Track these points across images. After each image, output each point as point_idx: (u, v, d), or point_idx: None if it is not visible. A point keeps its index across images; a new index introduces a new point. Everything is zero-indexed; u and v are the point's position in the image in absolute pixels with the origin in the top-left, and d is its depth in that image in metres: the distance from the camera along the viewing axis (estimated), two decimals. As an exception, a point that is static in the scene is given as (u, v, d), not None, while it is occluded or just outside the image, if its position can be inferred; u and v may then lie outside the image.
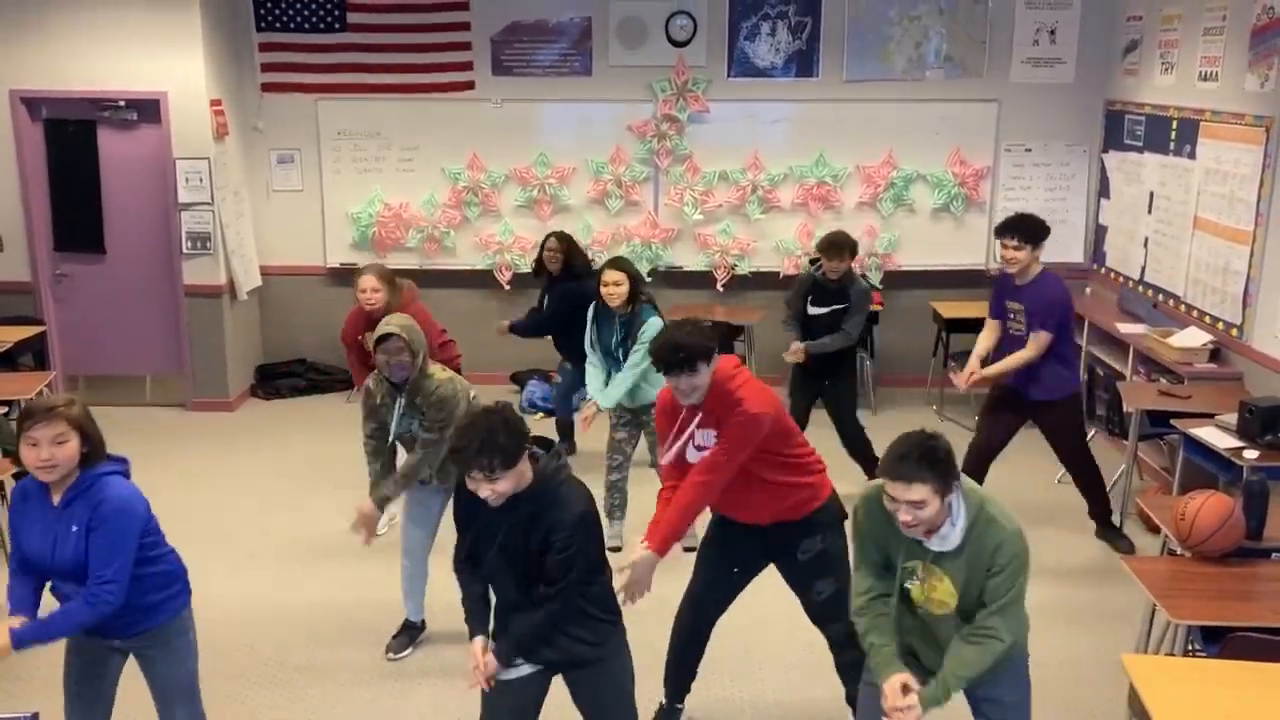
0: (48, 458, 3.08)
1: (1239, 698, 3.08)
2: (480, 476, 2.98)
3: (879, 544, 3.11)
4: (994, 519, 2.98)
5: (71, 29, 7.43)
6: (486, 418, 3.01)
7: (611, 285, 5.46)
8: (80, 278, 7.94)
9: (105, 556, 3.13)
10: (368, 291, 5.55)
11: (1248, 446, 4.99)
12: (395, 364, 4.32)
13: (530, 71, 8.14)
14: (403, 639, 4.80)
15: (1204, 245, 6.60)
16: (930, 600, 3.06)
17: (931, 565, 3.01)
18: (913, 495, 2.85)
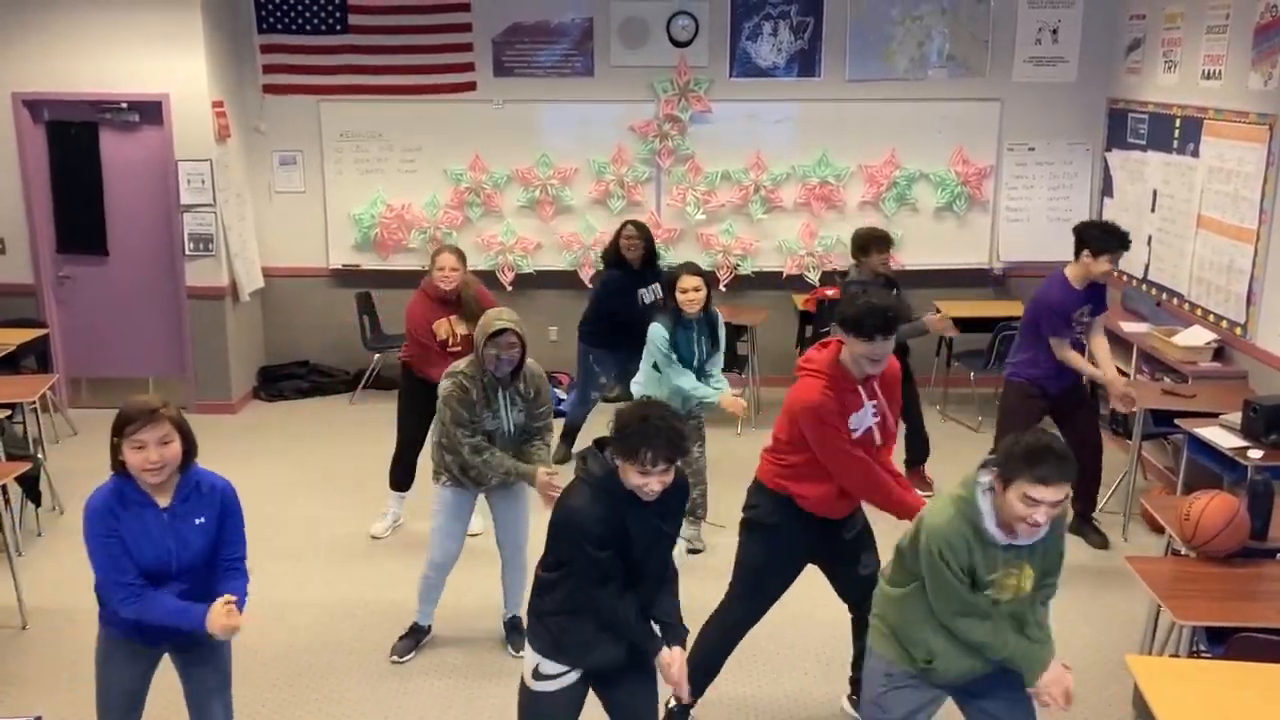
0: (157, 460, 3.07)
1: (1244, 699, 3.08)
2: (663, 469, 3.02)
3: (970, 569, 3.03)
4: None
5: (73, 31, 7.44)
6: (655, 409, 3.08)
7: (692, 291, 5.31)
8: (83, 280, 7.94)
9: (236, 540, 3.28)
10: (446, 270, 5.53)
11: (1252, 446, 4.98)
12: (507, 358, 4.27)
13: (532, 72, 8.13)
14: (409, 642, 4.79)
15: (1208, 244, 6.59)
16: (1010, 590, 3.04)
17: (1017, 564, 3.01)
18: (1061, 495, 2.87)
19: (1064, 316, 5.55)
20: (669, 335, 5.33)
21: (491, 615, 4.93)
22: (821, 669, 4.65)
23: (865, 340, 3.57)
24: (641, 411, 3.06)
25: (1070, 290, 5.56)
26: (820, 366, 3.74)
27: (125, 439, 3.06)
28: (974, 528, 2.97)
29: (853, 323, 3.56)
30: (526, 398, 4.43)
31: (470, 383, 4.34)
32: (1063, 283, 5.57)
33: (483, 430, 4.38)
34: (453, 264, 5.55)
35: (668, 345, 5.33)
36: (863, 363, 3.65)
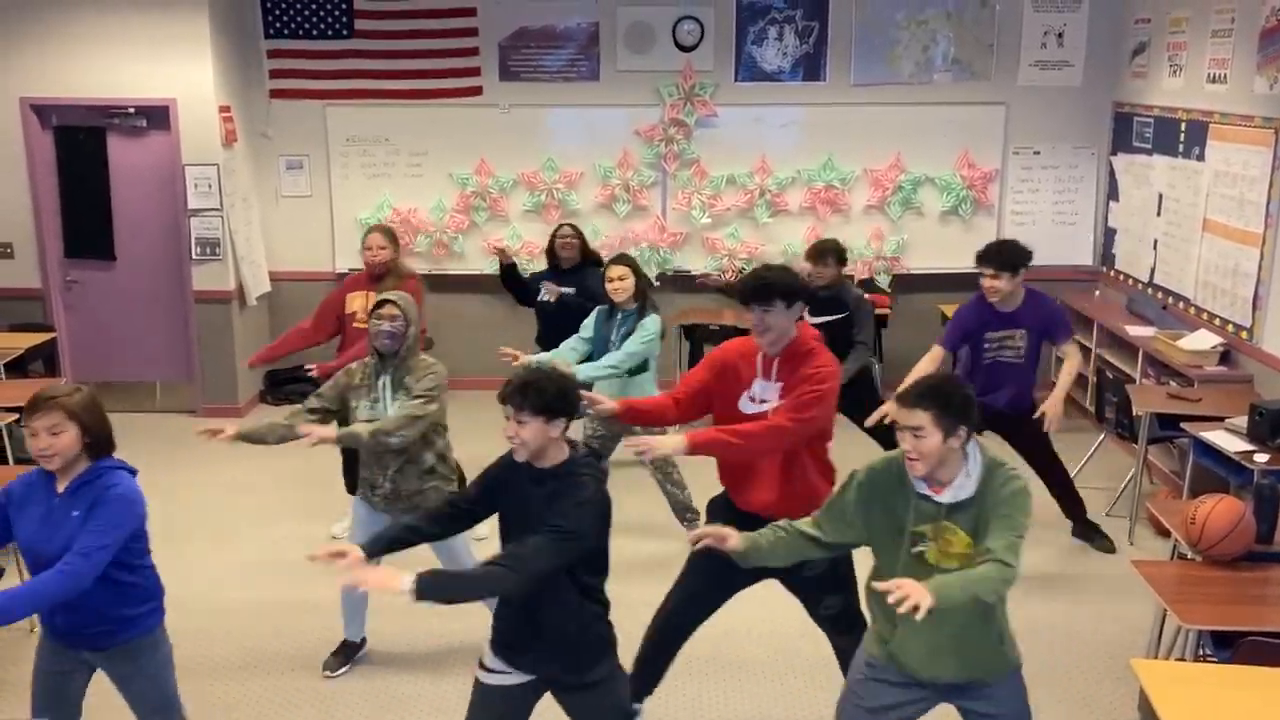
0: (44, 447, 3.12)
1: (1250, 703, 3.07)
2: (511, 413, 3.06)
3: (882, 508, 3.08)
4: (1003, 463, 3.07)
5: (81, 36, 7.47)
6: (547, 371, 3.16)
7: (616, 280, 5.43)
8: (90, 284, 7.97)
9: (95, 533, 3.09)
10: (374, 248, 5.63)
11: (1258, 450, 4.98)
12: (386, 330, 4.20)
13: (538, 77, 8.15)
14: (340, 657, 4.70)
15: (1213, 247, 6.58)
16: (948, 556, 3.02)
17: (944, 523, 3.01)
18: (914, 420, 2.94)
19: (961, 328, 5.49)
20: (596, 318, 5.54)
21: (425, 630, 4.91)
22: (791, 677, 4.65)
23: (744, 308, 3.69)
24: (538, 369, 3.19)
25: (982, 306, 5.46)
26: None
27: (25, 426, 3.15)
28: (897, 470, 3.07)
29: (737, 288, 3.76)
30: (408, 388, 4.25)
31: (359, 367, 4.36)
32: (977, 299, 5.51)
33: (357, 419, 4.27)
34: (380, 242, 5.65)
35: (589, 327, 5.55)
36: (754, 334, 3.71)
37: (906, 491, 3.05)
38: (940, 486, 3.01)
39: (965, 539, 3.00)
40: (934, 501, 3.02)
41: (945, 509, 3.01)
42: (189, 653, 4.84)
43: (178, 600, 5.27)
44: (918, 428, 2.94)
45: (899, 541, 3.07)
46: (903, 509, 3.06)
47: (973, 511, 3.00)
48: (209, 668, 4.75)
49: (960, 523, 3.00)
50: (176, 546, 5.89)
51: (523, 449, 3.10)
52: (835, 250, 6.13)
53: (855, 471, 3.18)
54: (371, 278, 5.67)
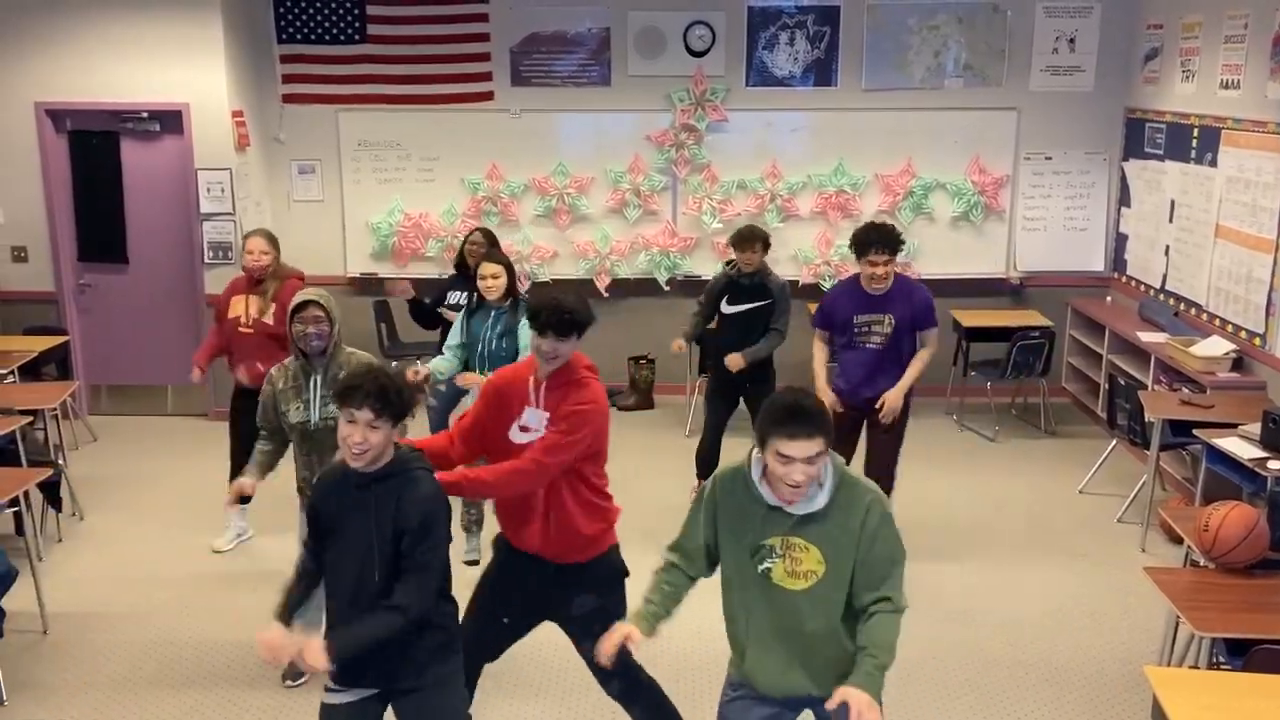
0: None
1: (1264, 711, 3.06)
2: (364, 418, 2.93)
3: (731, 524, 2.96)
4: (856, 479, 2.93)
5: (95, 42, 7.51)
6: (384, 370, 3.10)
7: (490, 278, 5.35)
8: (103, 288, 8.01)
9: None
10: (255, 253, 5.62)
11: (1271, 457, 4.96)
12: (314, 332, 4.17)
13: (549, 82, 8.17)
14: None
15: (1226, 254, 6.57)
16: (796, 574, 2.90)
17: (793, 537, 2.89)
18: (814, 449, 2.75)
19: (823, 311, 5.51)
20: (463, 313, 5.47)
21: None
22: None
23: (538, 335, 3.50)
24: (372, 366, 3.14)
25: (855, 291, 5.40)
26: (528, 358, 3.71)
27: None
28: (744, 479, 2.95)
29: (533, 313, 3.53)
30: None
31: (279, 373, 4.28)
32: (851, 282, 5.49)
33: (291, 423, 4.23)
34: (262, 247, 5.64)
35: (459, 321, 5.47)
36: (538, 357, 3.55)
37: (755, 502, 2.92)
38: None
39: (816, 555, 2.88)
40: (784, 513, 2.89)
41: (795, 520, 2.88)
42: (193, 657, 4.86)
43: (185, 604, 5.31)
44: (818, 454, 2.77)
45: (745, 557, 2.95)
46: (751, 521, 2.93)
47: (826, 527, 2.87)
48: (220, 675, 4.76)
49: (809, 536, 2.88)
50: (190, 550, 5.92)
51: (368, 454, 2.99)
52: (763, 237, 6.15)
53: (704, 486, 3.08)
54: (251, 281, 5.66)
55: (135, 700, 4.47)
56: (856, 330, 5.40)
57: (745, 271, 6.11)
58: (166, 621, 5.13)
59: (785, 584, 2.92)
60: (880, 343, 5.37)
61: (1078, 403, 8.25)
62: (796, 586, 2.91)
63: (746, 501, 2.95)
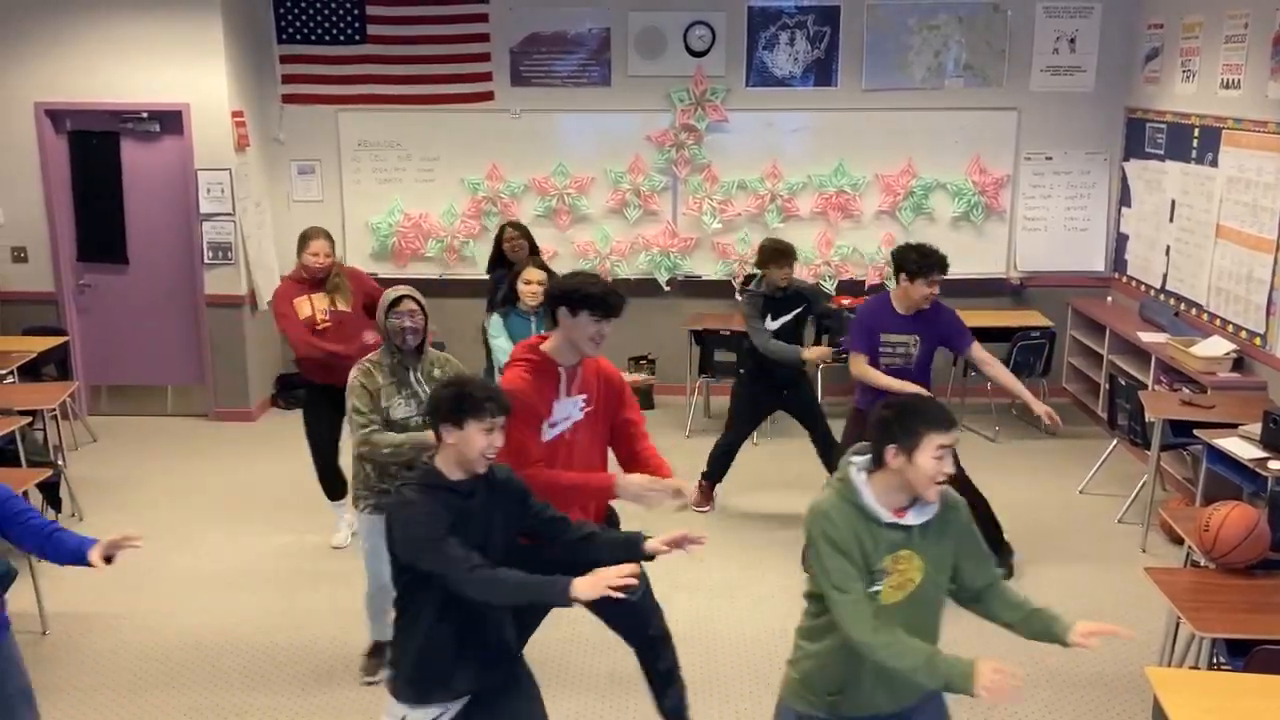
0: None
1: (1264, 712, 3.05)
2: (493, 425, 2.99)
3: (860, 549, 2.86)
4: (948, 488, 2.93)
5: (95, 42, 7.50)
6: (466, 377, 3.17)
7: (536, 284, 5.32)
8: (103, 288, 8.00)
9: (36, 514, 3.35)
10: (321, 255, 5.54)
11: (1272, 457, 4.96)
12: (410, 326, 4.17)
13: (549, 82, 8.16)
14: (376, 660, 4.62)
15: (1226, 254, 6.56)
16: (899, 588, 2.86)
17: (901, 552, 2.85)
18: (956, 436, 2.82)
19: (867, 330, 5.33)
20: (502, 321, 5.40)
21: None
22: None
23: (600, 320, 3.50)
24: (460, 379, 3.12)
25: (887, 309, 5.34)
26: (520, 354, 3.63)
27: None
28: (855, 506, 2.85)
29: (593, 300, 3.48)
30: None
31: (375, 367, 4.24)
32: (883, 300, 5.42)
33: (394, 419, 4.19)
34: (326, 249, 5.58)
35: (498, 328, 5.40)
36: (586, 345, 3.54)
37: (869, 524, 2.84)
38: (900, 510, 2.86)
39: (917, 563, 2.86)
40: (901, 527, 2.84)
41: (915, 532, 2.86)
42: (193, 657, 4.86)
43: (185, 605, 5.31)
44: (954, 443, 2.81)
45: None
46: (870, 544, 2.83)
47: (931, 532, 2.87)
48: (220, 676, 4.76)
49: (916, 545, 2.85)
50: (190, 550, 5.91)
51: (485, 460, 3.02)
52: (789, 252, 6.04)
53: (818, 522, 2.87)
54: (306, 283, 5.58)
55: (135, 700, 4.47)
56: (882, 349, 5.33)
57: (781, 285, 6.01)
58: (166, 622, 5.13)
59: (890, 600, 2.86)
60: (903, 363, 5.31)
61: (1078, 403, 8.24)
62: (897, 599, 2.87)
63: (860, 529, 2.84)
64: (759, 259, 6.11)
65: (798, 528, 3.46)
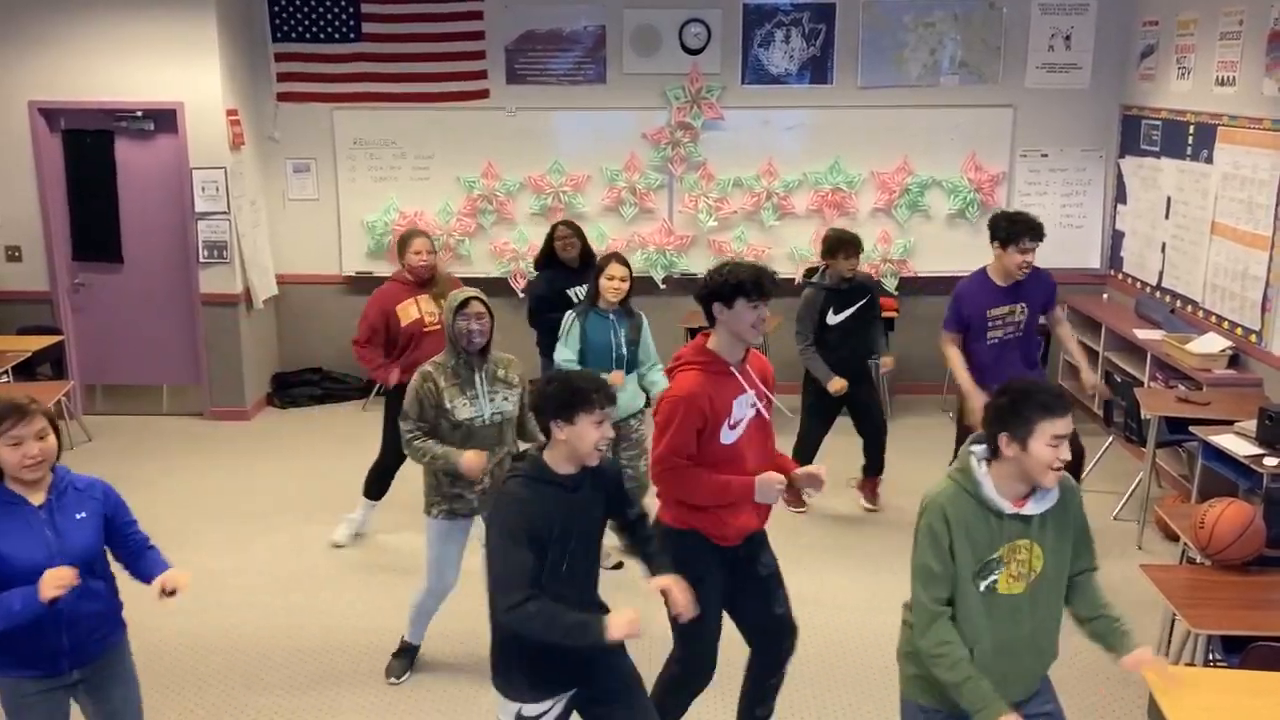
0: (36, 454, 3.04)
1: (1260, 708, 3.06)
2: (602, 418, 3.04)
3: (963, 545, 2.84)
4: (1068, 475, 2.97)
5: (89, 40, 7.49)
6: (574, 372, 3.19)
7: (618, 280, 5.32)
8: (98, 287, 7.99)
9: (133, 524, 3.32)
10: (423, 254, 5.60)
11: (1268, 453, 4.96)
12: (477, 329, 4.19)
13: (544, 80, 8.15)
14: (404, 661, 4.69)
15: (1222, 250, 6.56)
16: (1018, 578, 2.87)
17: (1020, 542, 2.85)
18: (1070, 426, 2.79)
19: (963, 309, 5.37)
20: (575, 318, 5.33)
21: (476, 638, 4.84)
22: (816, 693, 4.64)
23: (755, 305, 3.47)
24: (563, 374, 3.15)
25: (985, 284, 5.36)
26: (692, 357, 3.58)
27: (2, 437, 3.01)
28: (974, 498, 2.85)
29: (745, 286, 3.46)
30: (510, 383, 4.33)
31: (437, 370, 4.26)
32: (979, 276, 5.43)
33: (458, 420, 4.22)
34: (428, 247, 5.65)
35: (569, 326, 5.31)
36: (747, 333, 3.52)
37: (986, 515, 2.84)
38: (1019, 500, 2.85)
39: (1038, 552, 2.86)
40: (1021, 517, 2.84)
41: (1035, 522, 2.85)
42: (187, 657, 4.85)
43: (179, 605, 5.29)
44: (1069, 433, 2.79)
45: (969, 580, 2.85)
46: (984, 535, 2.83)
47: (1050, 521, 2.88)
48: (217, 675, 4.75)
49: (1035, 535, 2.85)
50: (187, 551, 5.90)
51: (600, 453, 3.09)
52: (856, 243, 6.04)
53: (928, 513, 2.89)
54: (412, 283, 5.63)
55: (130, 700, 4.46)
56: (990, 324, 5.35)
57: (846, 277, 6.00)
58: (163, 622, 5.10)
59: (1010, 590, 2.87)
60: (1013, 333, 5.36)
61: (1074, 400, 8.24)
62: (1017, 590, 2.87)
63: (977, 519, 2.84)
64: (824, 250, 6.10)
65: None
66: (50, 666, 3.14)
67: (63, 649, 3.14)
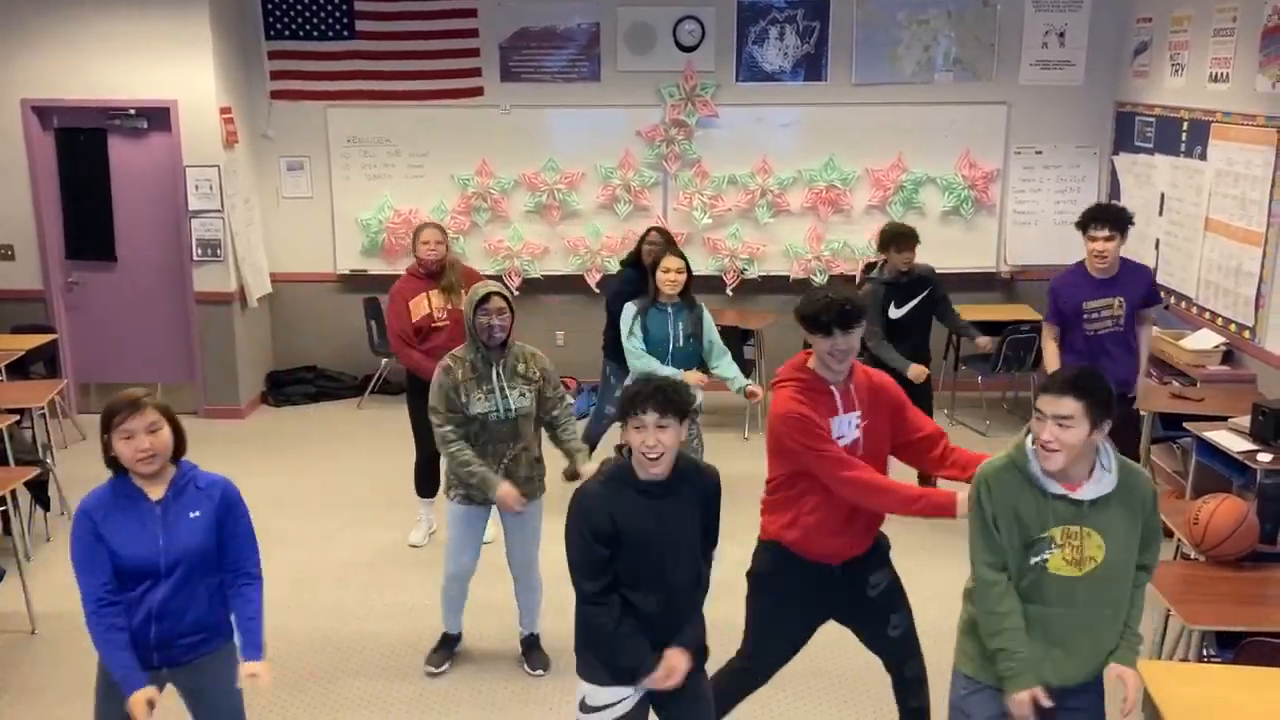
0: (147, 447, 3.05)
1: (1254, 704, 3.06)
2: (656, 419, 2.97)
3: (1007, 519, 2.91)
4: (1140, 468, 2.98)
5: (82, 38, 7.47)
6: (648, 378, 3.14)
7: (674, 273, 5.39)
8: (91, 285, 7.97)
9: (243, 543, 3.21)
10: (431, 243, 5.58)
11: (1261, 449, 4.96)
12: (498, 324, 4.19)
13: (539, 77, 8.14)
14: (443, 652, 4.69)
15: (1216, 247, 6.57)
16: (1074, 562, 2.88)
17: (1075, 526, 2.87)
18: (1063, 409, 2.79)
19: (1059, 301, 5.40)
20: (636, 312, 5.43)
21: (509, 633, 4.86)
22: (848, 695, 4.64)
23: (824, 336, 3.37)
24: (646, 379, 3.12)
25: (1081, 277, 5.39)
26: (788, 374, 3.54)
27: (114, 431, 3.04)
28: (1021, 472, 2.91)
29: (810, 319, 3.39)
30: (529, 378, 4.30)
31: (456, 363, 4.25)
32: (1076, 269, 5.46)
33: (472, 414, 4.22)
34: (437, 237, 5.61)
35: (632, 321, 5.42)
36: (827, 360, 3.43)
37: (1034, 493, 2.88)
38: (1073, 483, 2.87)
39: (1097, 541, 2.87)
40: (1071, 500, 2.87)
41: (1084, 507, 2.87)
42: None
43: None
44: (1066, 416, 2.79)
45: (1019, 552, 2.90)
46: (1032, 513, 2.88)
47: (1113, 510, 2.88)
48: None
49: (1094, 523, 2.87)
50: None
51: (664, 459, 3.03)
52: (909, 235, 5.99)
53: (976, 483, 2.98)
54: (423, 277, 5.61)
55: (124, 699, 4.45)
56: (1086, 317, 5.35)
57: (903, 270, 5.98)
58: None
59: (1062, 572, 2.90)
60: (1111, 327, 5.35)
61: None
62: (1074, 573, 2.90)
63: (1023, 494, 2.90)
64: (880, 243, 6.09)
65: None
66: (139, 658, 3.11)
67: (149, 643, 3.12)
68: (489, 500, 4.35)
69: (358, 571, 5.63)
